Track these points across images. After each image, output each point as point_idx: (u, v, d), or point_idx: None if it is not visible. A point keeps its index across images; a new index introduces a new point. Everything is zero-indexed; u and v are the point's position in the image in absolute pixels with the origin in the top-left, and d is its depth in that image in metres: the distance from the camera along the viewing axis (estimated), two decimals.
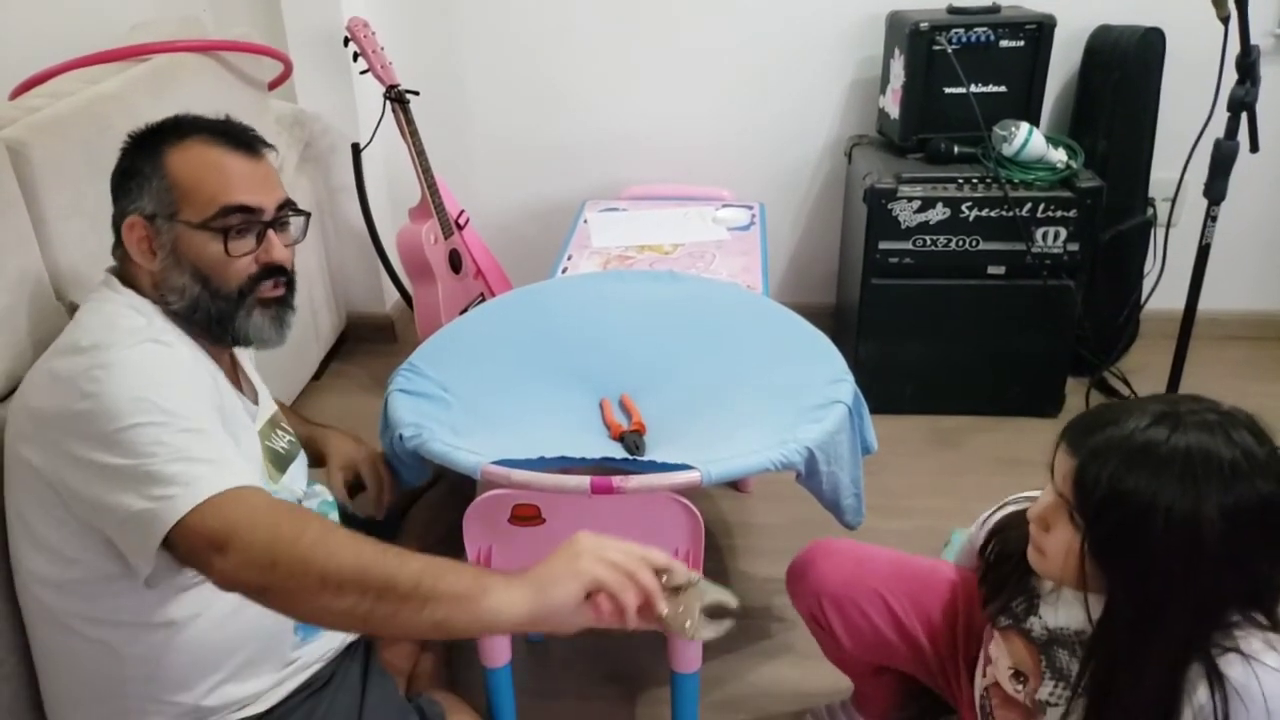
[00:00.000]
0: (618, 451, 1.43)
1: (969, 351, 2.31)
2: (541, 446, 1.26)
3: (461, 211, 2.50)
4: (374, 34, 2.33)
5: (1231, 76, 1.75)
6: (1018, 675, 1.14)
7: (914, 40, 2.19)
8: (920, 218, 2.19)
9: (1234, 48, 1.73)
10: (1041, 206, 2.15)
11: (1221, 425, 0.94)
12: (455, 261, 2.44)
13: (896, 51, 2.28)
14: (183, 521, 0.92)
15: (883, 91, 2.41)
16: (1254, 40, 1.72)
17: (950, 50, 2.19)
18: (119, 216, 1.14)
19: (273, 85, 2.30)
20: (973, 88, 2.21)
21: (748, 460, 1.26)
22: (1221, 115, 1.80)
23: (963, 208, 2.17)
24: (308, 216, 1.24)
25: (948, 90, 2.23)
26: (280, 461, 1.26)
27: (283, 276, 1.19)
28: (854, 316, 2.33)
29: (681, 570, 0.97)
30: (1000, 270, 2.22)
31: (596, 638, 1.70)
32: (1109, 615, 1.00)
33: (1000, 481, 1.21)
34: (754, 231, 2.26)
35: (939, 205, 2.17)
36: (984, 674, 1.21)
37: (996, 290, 2.24)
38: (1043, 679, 1.10)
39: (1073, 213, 2.15)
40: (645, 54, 2.57)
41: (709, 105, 2.61)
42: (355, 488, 1.45)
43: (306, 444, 1.43)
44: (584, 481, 1.19)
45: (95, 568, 1.04)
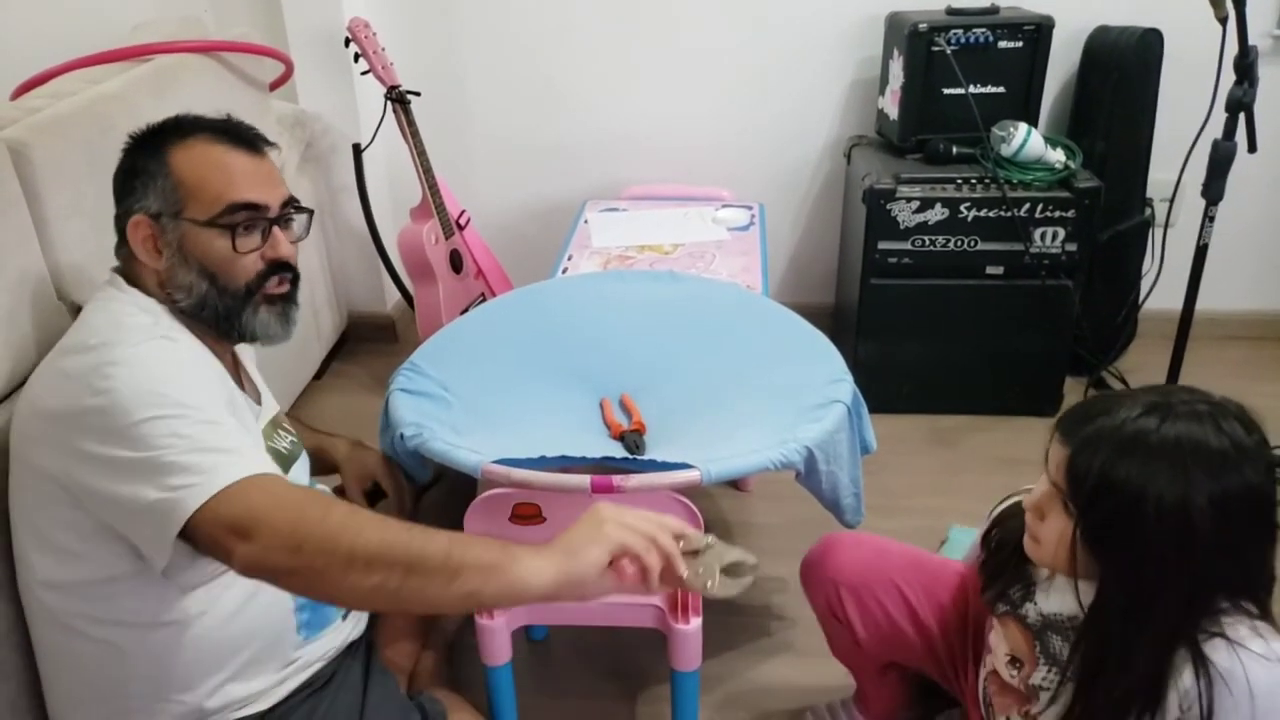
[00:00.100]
0: (618, 451, 1.44)
1: (967, 351, 2.31)
2: (542, 446, 1.27)
3: (462, 211, 2.50)
4: (375, 34, 2.33)
5: (1229, 77, 1.76)
6: (1014, 661, 1.15)
7: (913, 41, 2.19)
8: (919, 218, 2.19)
9: (1232, 48, 1.74)
10: (1040, 207, 2.16)
11: (1211, 415, 0.95)
12: (456, 261, 2.45)
13: (895, 52, 2.29)
14: (202, 509, 0.92)
15: (882, 92, 2.42)
16: (1252, 41, 1.73)
17: (949, 51, 2.19)
18: (123, 216, 1.15)
19: (274, 86, 2.30)
20: (971, 88, 2.22)
21: (747, 460, 1.27)
22: (1219, 116, 1.81)
23: (961, 208, 2.17)
24: (311, 213, 1.25)
25: (946, 91, 2.23)
26: (283, 462, 1.26)
27: (288, 273, 1.20)
28: (853, 316, 2.34)
29: (697, 535, 1.01)
30: (999, 270, 2.23)
31: (597, 636, 1.71)
32: (1100, 601, 1.01)
33: (999, 481, 1.22)
34: (754, 232, 2.27)
35: (938, 205, 2.18)
36: (985, 664, 1.22)
37: (995, 290, 2.24)
38: (1037, 664, 1.12)
39: (1071, 213, 2.15)
40: (645, 54, 2.57)
41: (709, 105, 2.61)
42: (373, 495, 1.46)
43: (316, 454, 1.44)
44: (584, 480, 1.20)
45: (103, 567, 1.04)
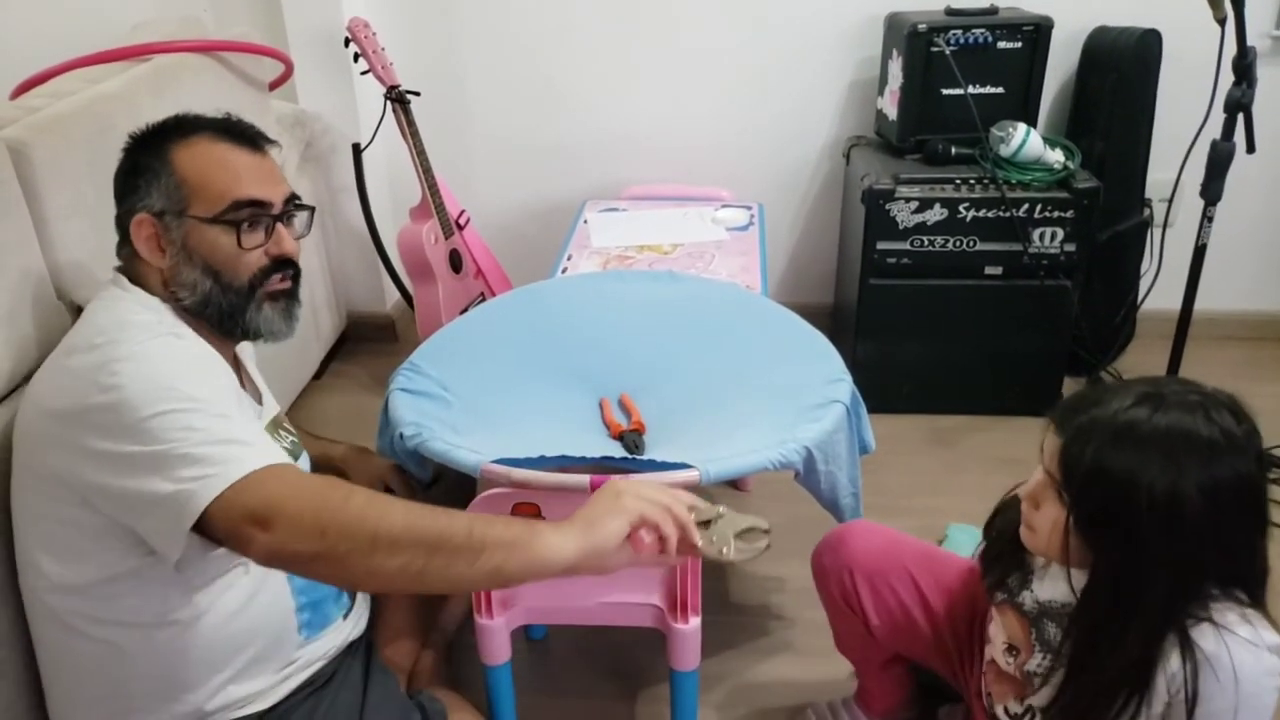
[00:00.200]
0: (617, 450, 1.44)
1: (966, 351, 2.32)
2: (541, 445, 1.27)
3: (462, 211, 2.50)
4: (374, 34, 2.33)
5: (1228, 78, 1.76)
6: (1011, 649, 1.16)
7: (912, 41, 2.19)
8: (918, 218, 2.19)
9: (1231, 49, 1.74)
10: (1039, 207, 2.16)
11: (1202, 405, 0.96)
12: (456, 261, 2.45)
13: (894, 53, 2.29)
14: (219, 500, 0.92)
15: (881, 92, 2.42)
16: (1250, 42, 1.73)
17: (948, 51, 2.19)
18: (125, 215, 1.15)
19: (273, 85, 2.30)
20: (970, 89, 2.22)
21: (746, 459, 1.27)
22: (1218, 116, 1.81)
23: (960, 208, 2.18)
24: (312, 210, 1.25)
25: (945, 91, 2.23)
26: None
27: (290, 269, 1.20)
28: (852, 316, 2.34)
29: (708, 506, 1.03)
30: (998, 270, 2.23)
31: (597, 636, 1.71)
32: (1092, 588, 1.03)
33: (998, 480, 1.22)
34: (753, 232, 2.27)
35: (936, 206, 2.18)
36: (984, 654, 1.23)
37: (994, 290, 2.24)
38: (1033, 651, 1.13)
39: (1070, 213, 2.15)
40: (645, 54, 2.57)
41: (709, 105, 2.61)
42: None
43: (321, 462, 1.44)
44: (584, 480, 1.20)
45: (106, 567, 1.04)
